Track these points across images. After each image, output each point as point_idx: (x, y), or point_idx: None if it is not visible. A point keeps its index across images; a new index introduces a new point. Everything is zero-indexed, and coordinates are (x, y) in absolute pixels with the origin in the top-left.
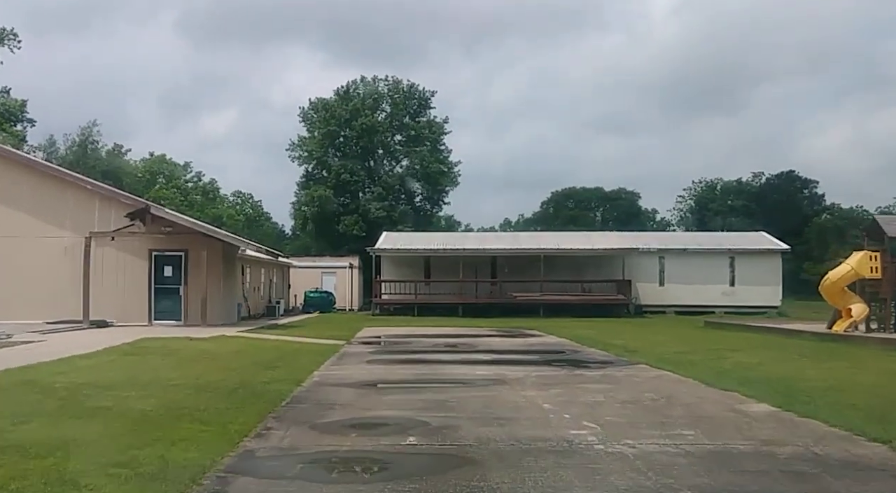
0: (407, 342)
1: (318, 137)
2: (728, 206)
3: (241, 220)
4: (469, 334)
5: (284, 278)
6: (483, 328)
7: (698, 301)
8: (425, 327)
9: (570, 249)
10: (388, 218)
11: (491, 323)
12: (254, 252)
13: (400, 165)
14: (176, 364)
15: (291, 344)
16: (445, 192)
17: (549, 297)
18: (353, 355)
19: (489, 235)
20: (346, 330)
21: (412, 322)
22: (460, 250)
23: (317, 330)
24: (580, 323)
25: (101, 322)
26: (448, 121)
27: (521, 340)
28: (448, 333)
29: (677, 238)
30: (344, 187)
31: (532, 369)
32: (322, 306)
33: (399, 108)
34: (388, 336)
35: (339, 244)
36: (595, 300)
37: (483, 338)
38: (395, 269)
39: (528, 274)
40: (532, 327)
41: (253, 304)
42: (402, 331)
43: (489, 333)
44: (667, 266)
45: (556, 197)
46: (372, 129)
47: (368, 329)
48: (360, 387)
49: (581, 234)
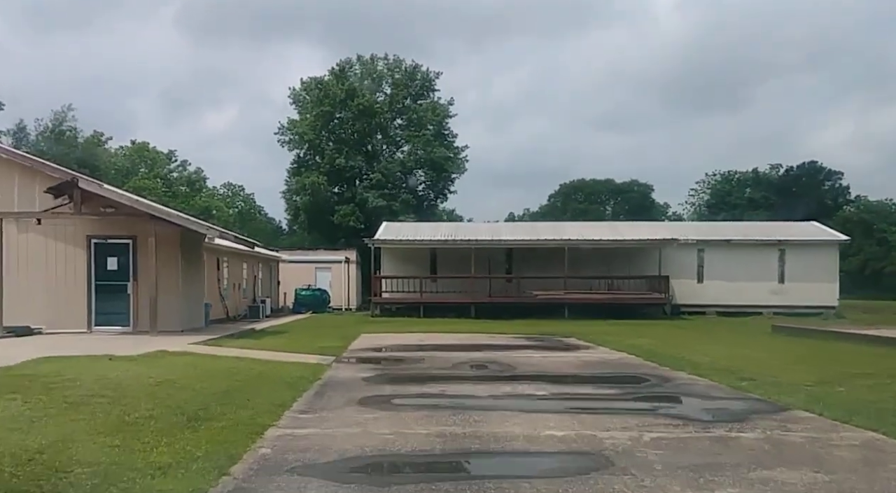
0: (417, 360)
1: (310, 118)
2: (747, 198)
3: (231, 214)
4: (495, 343)
5: (272, 273)
6: (508, 335)
7: (742, 301)
8: (436, 333)
9: (600, 240)
10: (387, 208)
11: (513, 327)
12: (229, 242)
13: (401, 150)
14: (15, 419)
15: (256, 365)
16: (451, 180)
17: (574, 296)
18: (341, 385)
19: (503, 225)
20: (337, 338)
21: (418, 325)
22: (472, 241)
23: (301, 339)
24: (619, 328)
25: (23, 329)
26: (453, 102)
27: (568, 355)
28: (467, 342)
29: (718, 228)
30: (339, 174)
31: (633, 422)
32: (315, 306)
33: (400, 89)
34: (390, 348)
35: (335, 237)
36: (627, 300)
37: (516, 350)
38: (396, 263)
39: (549, 269)
40: (564, 332)
41: (232, 303)
42: (409, 339)
43: (519, 342)
44: (706, 260)
45: (565, 189)
46: (370, 110)
47: (366, 336)
48: (343, 482)
49: (605, 224)
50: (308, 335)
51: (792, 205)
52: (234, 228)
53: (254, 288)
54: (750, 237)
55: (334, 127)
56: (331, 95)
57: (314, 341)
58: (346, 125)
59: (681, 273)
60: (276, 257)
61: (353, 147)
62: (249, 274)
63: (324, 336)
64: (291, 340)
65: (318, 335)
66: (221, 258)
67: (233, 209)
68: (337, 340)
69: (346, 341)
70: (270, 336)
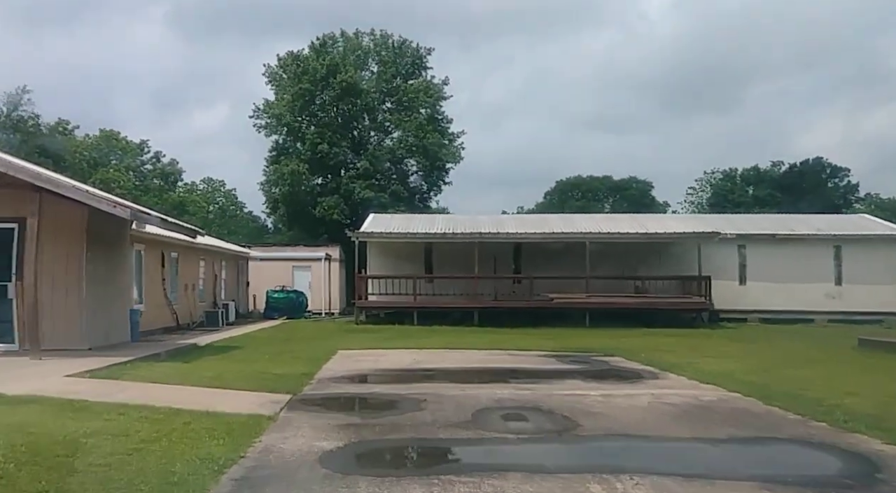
0: (417, 402)
1: (288, 98)
2: (751, 196)
3: (211, 210)
4: (521, 368)
5: (240, 273)
6: (531, 353)
7: (791, 305)
8: (437, 350)
9: (628, 233)
10: (375, 200)
11: (530, 339)
12: (169, 232)
13: (390, 137)
14: None
15: (143, 425)
16: (446, 170)
17: (598, 300)
18: (278, 481)
19: (508, 217)
20: (304, 360)
21: (413, 336)
22: (475, 234)
23: (254, 361)
24: (661, 340)
25: None
26: (448, 82)
27: (637, 390)
28: (482, 364)
29: (759, 221)
30: (321, 163)
31: None
32: (289, 311)
33: (388, 67)
34: (376, 376)
35: (317, 232)
36: (661, 304)
37: (556, 381)
38: (386, 261)
39: (565, 268)
40: (598, 346)
41: (184, 308)
42: (401, 359)
43: (552, 364)
44: (749, 258)
45: (562, 187)
46: (354, 89)
47: (344, 355)
48: None
49: (626, 216)
50: (266, 354)
51: (799, 203)
52: (214, 226)
53: (214, 290)
54: (799, 232)
55: (315, 109)
56: (310, 71)
57: (270, 364)
58: (329, 107)
59: (718, 273)
60: (245, 253)
61: (336, 132)
62: (209, 273)
63: (286, 356)
64: (238, 363)
65: (279, 354)
66: (168, 253)
67: (213, 206)
68: (302, 362)
69: (314, 364)
70: (212, 357)
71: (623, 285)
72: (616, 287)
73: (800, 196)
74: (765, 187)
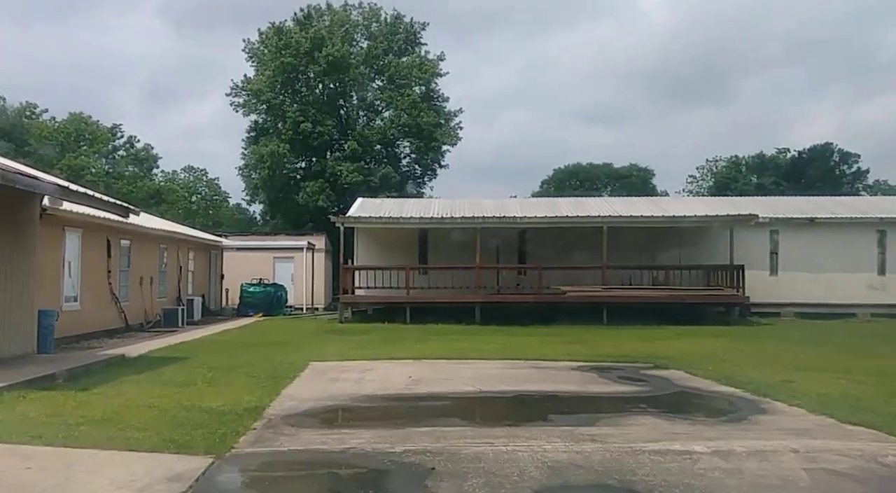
0: (419, 472)
1: (268, 74)
2: (755, 184)
3: (193, 201)
4: (559, 391)
5: (213, 264)
6: (560, 363)
7: (830, 298)
8: (439, 362)
9: (653, 217)
10: (364, 184)
11: (547, 343)
12: (91, 209)
13: (381, 117)
14: None
15: None
16: (441, 153)
17: (617, 293)
18: None
19: (510, 201)
20: (257, 381)
21: (406, 340)
22: (478, 219)
23: (184, 383)
24: (705, 341)
25: None
26: (444, 58)
27: (765, 442)
28: (503, 385)
29: (792, 204)
30: (305, 143)
31: None
32: (266, 307)
33: (379, 42)
34: (354, 415)
35: (300, 220)
36: (690, 298)
37: (627, 422)
38: (375, 250)
39: (576, 257)
40: (633, 351)
41: (136, 305)
42: (391, 381)
43: (599, 385)
44: (781, 245)
45: (560, 175)
46: (342, 63)
47: (314, 373)
48: None
49: (644, 199)
50: (211, 370)
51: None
52: (198, 217)
53: (178, 283)
54: (839, 216)
55: (298, 86)
56: (293, 44)
57: (209, 389)
58: (313, 83)
59: (746, 262)
60: (217, 242)
61: (321, 110)
62: (172, 264)
63: (239, 373)
64: (162, 388)
65: (229, 371)
66: (116, 239)
67: (196, 196)
68: (256, 385)
69: (273, 386)
70: (132, 377)
71: (638, 277)
72: (630, 279)
73: (808, 184)
74: (769, 175)
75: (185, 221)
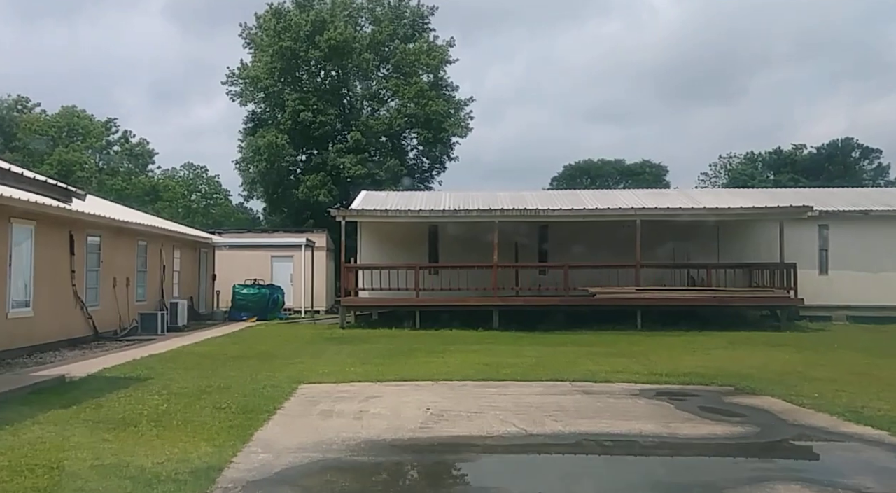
0: None
1: (266, 59)
2: (772, 181)
3: (193, 198)
4: (639, 437)
5: (204, 263)
6: (616, 386)
7: (887, 300)
8: (461, 386)
9: (694, 209)
10: (368, 178)
11: (586, 354)
12: (51, 201)
13: (386, 107)
14: None
15: None
16: (451, 144)
17: (652, 295)
18: None
19: (530, 194)
20: (224, 417)
21: (418, 353)
22: (495, 212)
23: (125, 423)
24: (778, 354)
25: None
26: (454, 44)
27: None
28: (560, 432)
29: (844, 196)
30: (305, 134)
31: None
32: (261, 310)
33: (384, 26)
34: (347, 486)
35: (300, 217)
36: (736, 300)
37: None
38: (381, 247)
39: (603, 254)
40: (699, 369)
41: (108, 310)
42: (403, 417)
43: (697, 431)
44: (832, 241)
45: (570, 172)
46: (344, 48)
47: (303, 403)
48: None
49: (673, 191)
50: (172, 399)
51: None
52: (198, 216)
53: (161, 285)
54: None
55: (299, 73)
56: (292, 27)
57: (153, 433)
58: (314, 69)
59: (793, 260)
60: (208, 239)
61: (322, 98)
62: (154, 263)
63: (204, 404)
64: (87, 436)
65: (193, 401)
66: (82, 234)
67: (196, 194)
68: (220, 429)
69: (243, 428)
70: (63, 412)
71: (670, 276)
72: (662, 278)
73: (827, 181)
74: (786, 172)
75: (185, 220)
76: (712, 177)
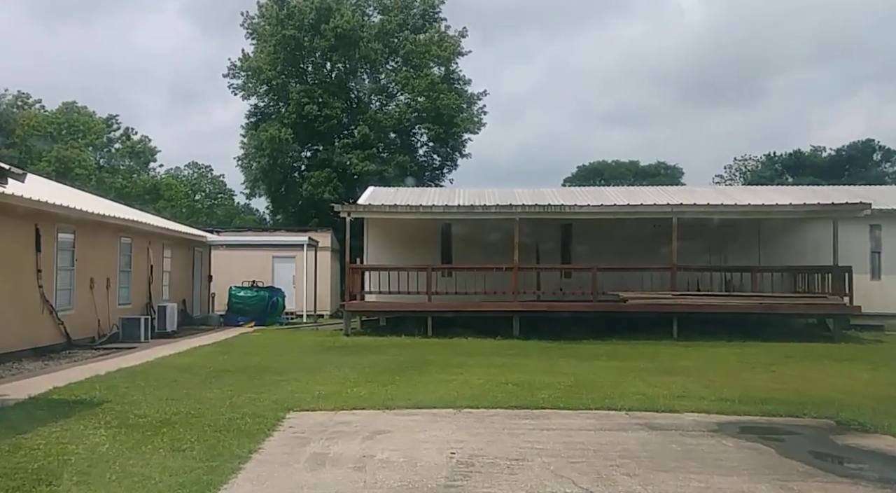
0: None
1: (269, 49)
2: (791, 184)
3: (198, 198)
4: None
5: (198, 263)
6: (684, 417)
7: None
8: (495, 414)
9: (737, 206)
10: (377, 175)
11: (631, 370)
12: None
13: (395, 101)
14: None
15: None
16: (463, 141)
17: (690, 301)
18: None
19: (550, 190)
20: (165, 482)
21: (432, 368)
22: (516, 208)
23: (39, 478)
24: (844, 369)
25: None
26: (466, 35)
27: None
28: (641, 491)
29: (892, 194)
30: (309, 128)
31: None
32: (259, 314)
33: (393, 16)
34: None
35: (305, 215)
36: (783, 307)
37: None
38: (389, 247)
39: (632, 256)
40: (770, 391)
41: (87, 315)
42: (419, 465)
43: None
44: (885, 243)
45: (583, 173)
46: (351, 38)
47: (289, 441)
48: None
49: (708, 188)
50: (122, 436)
51: None
52: (201, 215)
53: (149, 287)
54: None
55: (303, 64)
56: (296, 14)
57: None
58: (319, 60)
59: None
60: (202, 238)
61: (328, 91)
62: (141, 263)
63: (160, 443)
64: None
65: (150, 436)
66: (52, 229)
67: (200, 194)
68: (167, 489)
69: (203, 483)
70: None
71: (707, 280)
72: (697, 283)
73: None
74: (806, 174)
75: (188, 220)
76: (727, 179)
